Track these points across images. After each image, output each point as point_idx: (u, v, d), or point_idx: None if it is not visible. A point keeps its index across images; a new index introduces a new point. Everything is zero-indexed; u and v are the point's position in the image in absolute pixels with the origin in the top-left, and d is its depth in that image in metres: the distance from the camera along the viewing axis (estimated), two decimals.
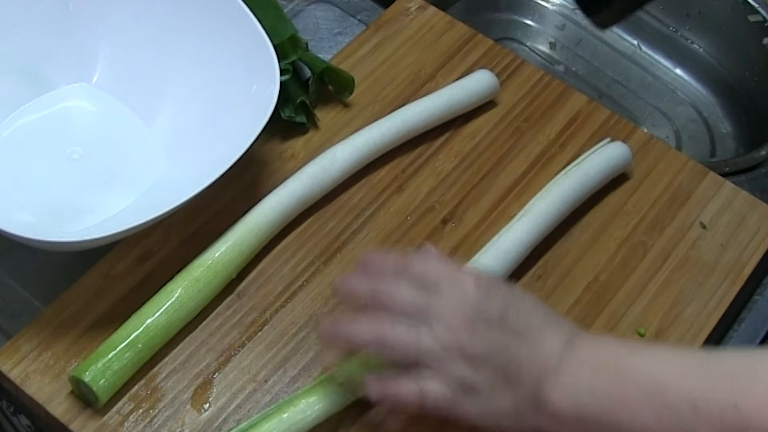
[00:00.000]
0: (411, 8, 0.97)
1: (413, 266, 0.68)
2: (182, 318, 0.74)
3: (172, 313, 0.73)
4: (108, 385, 0.70)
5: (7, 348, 0.73)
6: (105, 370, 0.70)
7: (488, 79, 0.89)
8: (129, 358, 0.71)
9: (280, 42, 0.85)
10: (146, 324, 0.72)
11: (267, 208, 0.78)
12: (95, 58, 0.87)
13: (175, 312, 0.73)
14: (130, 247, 0.79)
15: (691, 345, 0.79)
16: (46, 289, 0.78)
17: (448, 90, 0.88)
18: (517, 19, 1.21)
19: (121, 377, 0.71)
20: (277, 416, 0.69)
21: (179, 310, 0.73)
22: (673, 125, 1.16)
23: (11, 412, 0.80)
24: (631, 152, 0.86)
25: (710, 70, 1.18)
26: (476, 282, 0.66)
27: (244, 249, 0.77)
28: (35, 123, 0.84)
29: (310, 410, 0.70)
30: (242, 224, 0.77)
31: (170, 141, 0.84)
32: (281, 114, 0.85)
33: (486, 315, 0.64)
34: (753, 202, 0.88)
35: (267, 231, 0.78)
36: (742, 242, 0.85)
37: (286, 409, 0.70)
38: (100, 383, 0.69)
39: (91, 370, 0.69)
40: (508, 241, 0.79)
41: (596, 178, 0.84)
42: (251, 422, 0.70)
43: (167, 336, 0.73)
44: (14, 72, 0.84)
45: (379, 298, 0.67)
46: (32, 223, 0.78)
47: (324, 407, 0.70)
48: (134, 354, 0.71)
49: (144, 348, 0.72)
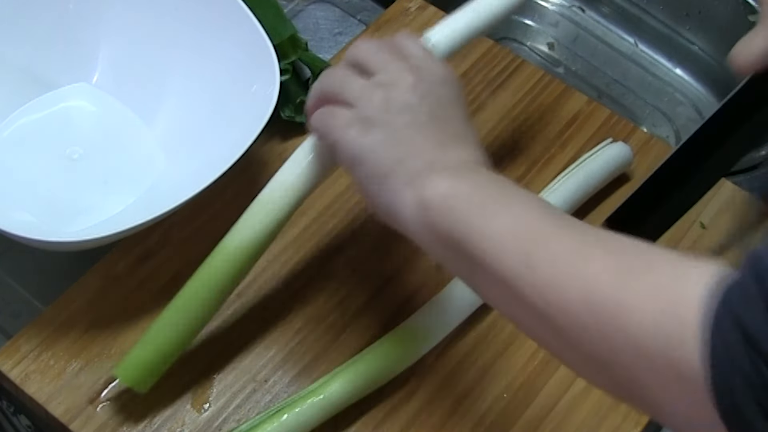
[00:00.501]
0: (411, 8, 0.97)
1: (394, 42, 0.67)
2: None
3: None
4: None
5: (7, 348, 0.73)
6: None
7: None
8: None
9: (280, 42, 0.85)
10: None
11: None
12: (95, 58, 0.87)
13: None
14: (130, 247, 0.79)
15: None
16: (46, 289, 0.78)
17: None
18: (517, 19, 1.21)
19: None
20: (277, 417, 0.69)
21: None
22: (673, 125, 1.15)
23: (11, 412, 0.80)
24: (632, 152, 0.86)
25: (710, 70, 1.18)
26: (415, 81, 0.64)
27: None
28: (35, 123, 0.84)
29: (310, 411, 0.70)
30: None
31: (170, 141, 0.84)
32: (281, 114, 0.85)
33: (412, 103, 0.63)
34: (753, 202, 0.88)
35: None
36: (742, 242, 0.85)
37: (286, 410, 0.70)
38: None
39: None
40: None
41: (598, 178, 0.84)
42: (251, 423, 0.70)
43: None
44: (14, 72, 0.84)
45: (350, 55, 0.66)
46: (32, 223, 0.78)
47: (324, 408, 0.70)
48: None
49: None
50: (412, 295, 0.79)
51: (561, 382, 0.76)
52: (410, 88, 0.64)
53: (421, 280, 0.80)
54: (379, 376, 0.73)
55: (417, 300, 0.79)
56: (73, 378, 0.72)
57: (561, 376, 0.76)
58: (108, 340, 0.74)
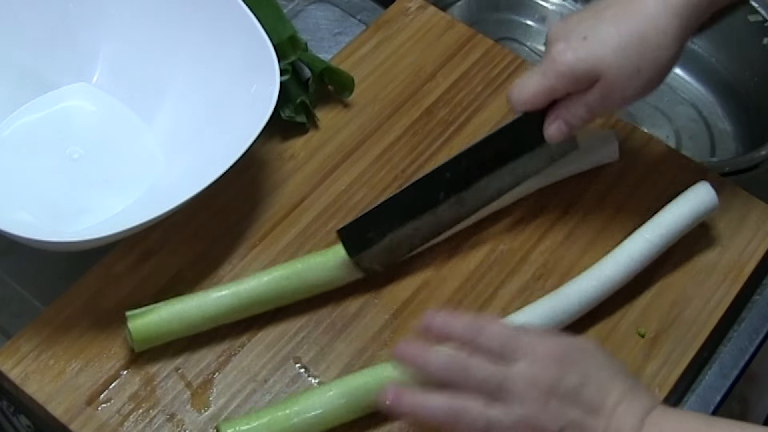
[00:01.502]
0: (411, 8, 0.97)
1: (483, 333, 0.65)
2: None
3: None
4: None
5: (7, 348, 0.73)
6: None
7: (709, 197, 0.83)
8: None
9: (280, 42, 0.85)
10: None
11: None
12: (95, 58, 0.87)
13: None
14: (130, 247, 0.79)
15: (691, 345, 0.79)
16: (46, 289, 0.78)
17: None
18: (517, 19, 1.21)
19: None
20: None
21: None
22: (673, 125, 1.15)
23: (11, 412, 0.80)
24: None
25: (710, 70, 1.18)
26: (553, 351, 0.64)
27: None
28: (35, 123, 0.84)
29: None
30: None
31: (170, 141, 0.84)
32: (281, 114, 0.85)
33: (561, 389, 0.63)
34: (753, 202, 0.88)
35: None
36: (742, 242, 0.85)
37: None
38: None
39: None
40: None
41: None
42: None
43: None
44: (14, 72, 0.84)
45: (452, 373, 0.64)
46: (32, 223, 0.78)
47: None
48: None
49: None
50: (412, 295, 0.79)
51: None
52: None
53: (421, 280, 0.80)
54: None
55: (416, 300, 0.79)
56: (72, 378, 0.72)
57: None
58: (108, 340, 0.74)
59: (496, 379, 0.63)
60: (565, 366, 0.63)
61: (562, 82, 0.74)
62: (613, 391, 0.63)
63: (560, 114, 0.76)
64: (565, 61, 0.73)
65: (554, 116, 0.76)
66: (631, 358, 0.77)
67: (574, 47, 0.73)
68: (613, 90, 0.74)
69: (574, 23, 0.75)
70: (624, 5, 0.74)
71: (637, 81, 0.74)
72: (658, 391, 0.76)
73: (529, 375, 0.63)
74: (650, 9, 0.73)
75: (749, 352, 0.81)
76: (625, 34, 0.73)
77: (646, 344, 0.78)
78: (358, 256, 0.77)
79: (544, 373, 0.63)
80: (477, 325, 0.66)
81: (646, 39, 0.73)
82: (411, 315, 0.78)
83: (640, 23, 0.73)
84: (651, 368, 0.77)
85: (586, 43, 0.73)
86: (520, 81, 0.76)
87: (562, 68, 0.73)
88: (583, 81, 0.74)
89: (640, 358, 0.78)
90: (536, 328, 0.69)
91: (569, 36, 0.74)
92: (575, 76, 0.74)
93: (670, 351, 0.78)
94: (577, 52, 0.73)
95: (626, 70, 0.73)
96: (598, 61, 0.73)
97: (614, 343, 0.78)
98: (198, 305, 0.74)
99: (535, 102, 0.76)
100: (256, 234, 0.81)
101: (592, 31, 0.73)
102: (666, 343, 0.79)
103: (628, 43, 0.73)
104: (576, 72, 0.73)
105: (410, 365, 0.66)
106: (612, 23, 0.73)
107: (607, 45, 0.73)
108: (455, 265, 0.81)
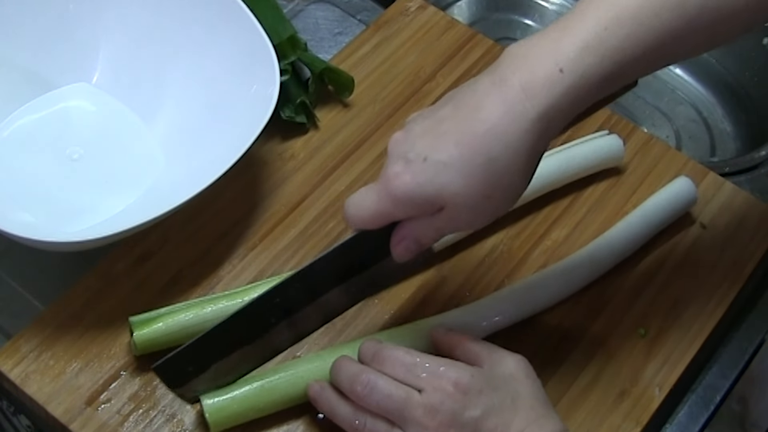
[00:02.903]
0: (411, 8, 0.97)
1: (388, 361, 0.67)
2: None
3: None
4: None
5: (7, 348, 0.73)
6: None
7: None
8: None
9: (280, 42, 0.85)
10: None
11: None
12: (95, 58, 0.87)
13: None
14: (130, 247, 0.79)
15: (691, 345, 0.79)
16: (46, 289, 0.78)
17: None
18: (517, 19, 1.21)
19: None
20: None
21: None
22: (673, 125, 1.15)
23: (11, 412, 0.80)
24: (623, 147, 0.87)
25: (710, 70, 1.18)
26: (457, 382, 0.65)
27: None
28: (35, 123, 0.84)
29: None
30: None
31: (170, 141, 0.84)
32: (281, 114, 0.85)
33: (461, 420, 0.64)
34: (753, 202, 0.88)
35: None
36: (742, 242, 0.85)
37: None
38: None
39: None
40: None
41: (582, 163, 0.85)
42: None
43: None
44: (14, 72, 0.84)
45: (357, 389, 0.67)
46: (32, 223, 0.78)
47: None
48: None
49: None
50: (412, 295, 0.79)
51: (561, 383, 0.76)
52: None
53: (421, 279, 0.80)
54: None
55: (416, 300, 0.79)
56: (72, 378, 0.72)
57: (561, 376, 0.76)
58: (108, 340, 0.74)
59: (396, 404, 0.65)
60: (468, 397, 0.65)
61: (401, 209, 0.64)
62: (515, 422, 0.65)
63: (407, 234, 0.66)
64: (402, 187, 0.63)
65: (400, 236, 0.66)
66: (631, 358, 0.78)
67: (413, 171, 0.62)
68: (460, 218, 0.64)
69: (415, 136, 0.64)
70: (466, 115, 0.62)
71: (488, 208, 0.64)
72: (658, 391, 0.76)
73: (428, 404, 0.65)
74: (496, 123, 0.61)
75: (749, 352, 0.81)
76: (468, 157, 0.61)
77: (646, 344, 0.78)
78: (180, 389, 0.72)
79: (444, 403, 0.65)
80: (383, 354, 0.68)
81: (494, 161, 0.61)
82: (411, 315, 0.78)
83: (485, 143, 0.61)
84: (651, 368, 0.77)
85: (426, 166, 0.62)
86: (357, 198, 0.66)
87: (400, 195, 0.63)
88: (425, 208, 0.64)
89: (640, 358, 0.78)
90: (446, 360, 0.68)
91: (407, 154, 0.63)
92: (415, 204, 0.64)
93: (670, 351, 0.78)
94: (416, 177, 0.62)
95: (472, 199, 0.62)
96: (441, 189, 0.62)
97: (614, 343, 0.78)
98: (202, 315, 0.73)
99: (373, 224, 0.66)
100: (256, 234, 0.81)
101: (432, 151, 0.62)
102: (666, 343, 0.79)
103: (472, 168, 0.62)
104: (416, 200, 0.63)
105: (331, 369, 0.70)
106: (453, 141, 0.62)
107: (449, 169, 0.62)
108: (455, 265, 0.81)
